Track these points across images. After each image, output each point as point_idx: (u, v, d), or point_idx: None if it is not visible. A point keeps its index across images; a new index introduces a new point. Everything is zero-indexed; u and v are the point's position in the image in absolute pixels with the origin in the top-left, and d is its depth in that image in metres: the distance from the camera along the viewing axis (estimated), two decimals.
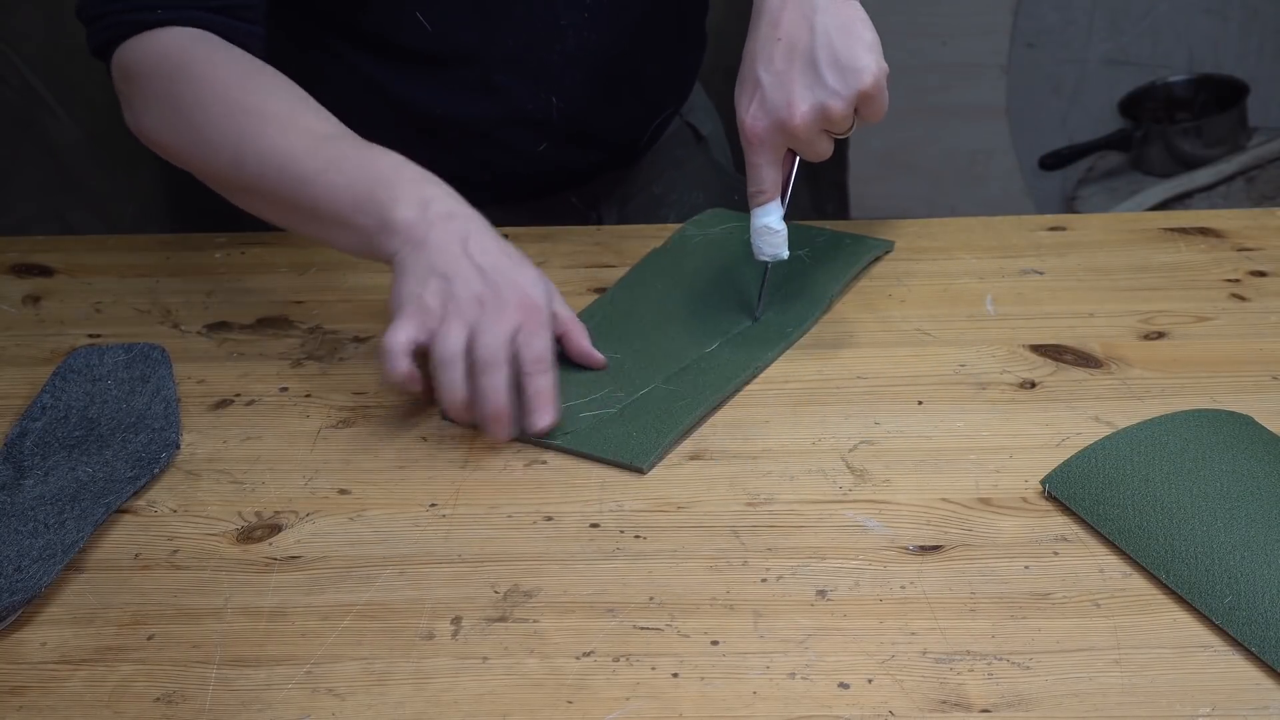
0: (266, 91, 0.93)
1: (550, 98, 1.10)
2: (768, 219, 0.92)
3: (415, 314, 0.82)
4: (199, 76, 0.93)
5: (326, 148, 0.89)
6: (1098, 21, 2.18)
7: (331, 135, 0.90)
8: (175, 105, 0.93)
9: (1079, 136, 2.19)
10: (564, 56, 1.09)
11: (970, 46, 2.04)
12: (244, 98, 0.92)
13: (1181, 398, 0.86)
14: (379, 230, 0.85)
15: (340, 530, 0.78)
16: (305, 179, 0.88)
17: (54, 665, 0.70)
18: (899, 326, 0.95)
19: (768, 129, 0.88)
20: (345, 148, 0.89)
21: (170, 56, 0.94)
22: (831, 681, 0.66)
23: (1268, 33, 2.17)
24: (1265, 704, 0.64)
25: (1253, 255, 1.02)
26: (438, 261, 0.83)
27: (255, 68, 0.94)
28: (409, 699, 0.66)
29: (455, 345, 0.81)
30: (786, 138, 0.88)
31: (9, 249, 1.11)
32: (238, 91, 0.92)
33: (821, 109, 0.87)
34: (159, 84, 0.94)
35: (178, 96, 0.93)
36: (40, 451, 0.84)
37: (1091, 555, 0.74)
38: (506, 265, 0.84)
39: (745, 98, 0.89)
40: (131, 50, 0.96)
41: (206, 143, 0.92)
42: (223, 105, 0.92)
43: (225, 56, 0.94)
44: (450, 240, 0.84)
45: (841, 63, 0.86)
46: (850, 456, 0.82)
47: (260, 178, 0.90)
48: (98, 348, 0.94)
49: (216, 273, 1.07)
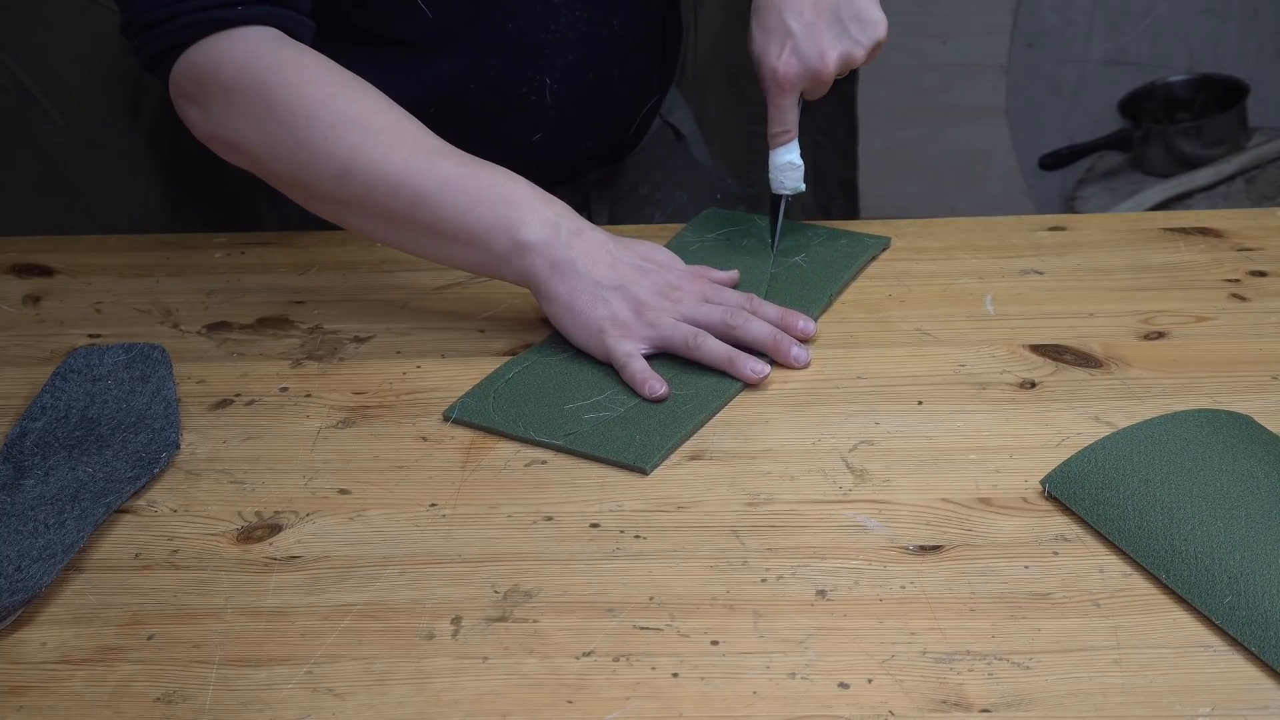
0: (367, 102, 0.93)
1: (544, 79, 1.10)
2: (790, 155, 1.02)
3: (624, 333, 0.89)
4: (291, 83, 0.92)
5: (439, 163, 0.91)
6: (1098, 21, 2.18)
7: (441, 150, 0.92)
8: (267, 113, 0.92)
9: (1079, 136, 2.19)
10: (557, 36, 1.09)
11: (970, 46, 2.04)
12: (346, 108, 0.91)
13: (1181, 398, 0.86)
14: (511, 251, 0.90)
15: (340, 530, 0.78)
16: (422, 196, 0.90)
17: (54, 665, 0.70)
18: (899, 326, 0.95)
19: (799, 74, 0.97)
20: (459, 163, 0.91)
21: (257, 61, 0.92)
22: (831, 681, 0.66)
23: (1268, 33, 2.17)
24: (1265, 704, 0.64)
25: (1253, 255, 1.02)
26: (601, 277, 0.90)
27: (345, 74, 0.94)
28: (409, 699, 0.66)
29: (684, 331, 0.89)
30: (813, 83, 0.98)
31: (9, 249, 1.11)
32: (339, 101, 0.91)
33: (847, 57, 0.97)
34: (245, 90, 0.92)
35: (270, 103, 0.91)
36: (40, 451, 0.84)
37: (1091, 555, 0.74)
38: (655, 254, 0.93)
39: (775, 45, 0.97)
40: (203, 54, 0.93)
41: (307, 153, 0.91)
42: (326, 115, 0.91)
43: (313, 62, 0.93)
44: (596, 253, 0.90)
45: (861, 15, 0.97)
46: (850, 456, 0.82)
47: (369, 191, 0.91)
48: (98, 348, 0.94)
49: (216, 273, 1.07)
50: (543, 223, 0.90)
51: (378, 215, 0.92)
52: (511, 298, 1.01)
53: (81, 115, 1.84)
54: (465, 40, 1.07)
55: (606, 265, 0.90)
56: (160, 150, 1.49)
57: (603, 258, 0.90)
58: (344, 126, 0.91)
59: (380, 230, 0.94)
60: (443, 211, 0.90)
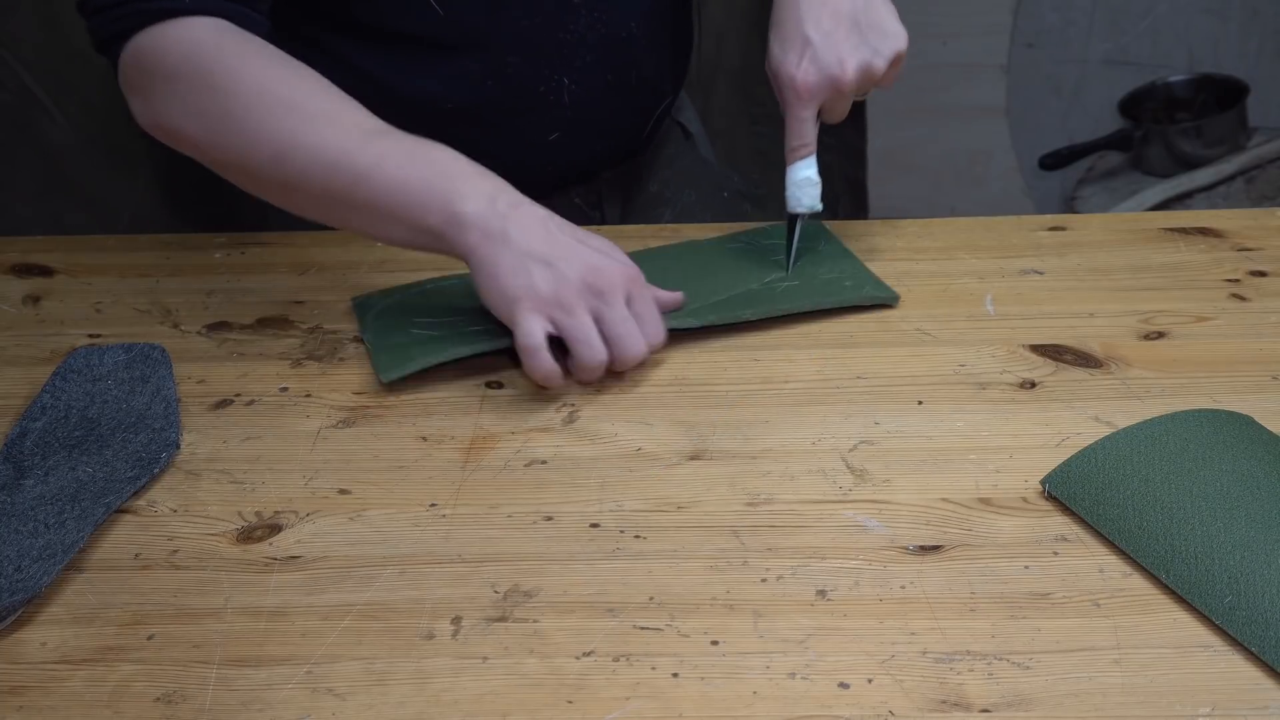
0: (305, 86, 0.92)
1: (562, 79, 1.10)
2: (808, 171, 0.99)
3: (535, 305, 0.86)
4: (233, 70, 0.92)
5: (376, 142, 0.90)
6: (1098, 21, 2.18)
7: (378, 130, 0.91)
8: (208, 99, 0.92)
9: (1079, 136, 2.19)
10: (575, 36, 1.09)
11: (970, 46, 2.04)
12: (284, 92, 0.91)
13: (1181, 398, 0.86)
14: (446, 224, 0.88)
15: (340, 530, 0.78)
16: (359, 175, 0.89)
17: (54, 665, 0.70)
18: (899, 326, 0.95)
19: (818, 84, 0.95)
20: (395, 142, 0.90)
21: (199, 48, 0.93)
22: (831, 681, 0.66)
23: (1268, 33, 2.17)
24: (1265, 704, 0.64)
25: (1253, 255, 1.02)
26: (531, 248, 0.87)
27: (287, 61, 0.94)
28: (409, 699, 0.66)
29: (588, 328, 0.87)
30: (833, 94, 0.96)
31: (9, 249, 1.11)
32: (276, 85, 0.92)
33: (867, 67, 0.95)
34: (188, 77, 0.93)
35: (210, 90, 0.92)
36: (40, 451, 0.84)
37: (1091, 555, 0.74)
38: (592, 241, 0.89)
39: (794, 55, 0.95)
40: (149, 41, 0.94)
41: (243, 137, 0.92)
42: (262, 100, 0.91)
43: (256, 49, 0.94)
44: (532, 226, 0.87)
45: (881, 27, 0.96)
46: (850, 456, 0.82)
47: (305, 174, 0.91)
48: (98, 348, 0.94)
49: (216, 273, 1.07)
50: (479, 195, 0.88)
51: (318, 196, 0.91)
52: None
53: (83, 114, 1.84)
54: (483, 39, 1.07)
55: (540, 239, 0.87)
56: (160, 150, 1.49)
57: (538, 230, 0.88)
58: (281, 111, 0.91)
59: (322, 211, 0.93)
60: (380, 189, 0.89)
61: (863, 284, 0.99)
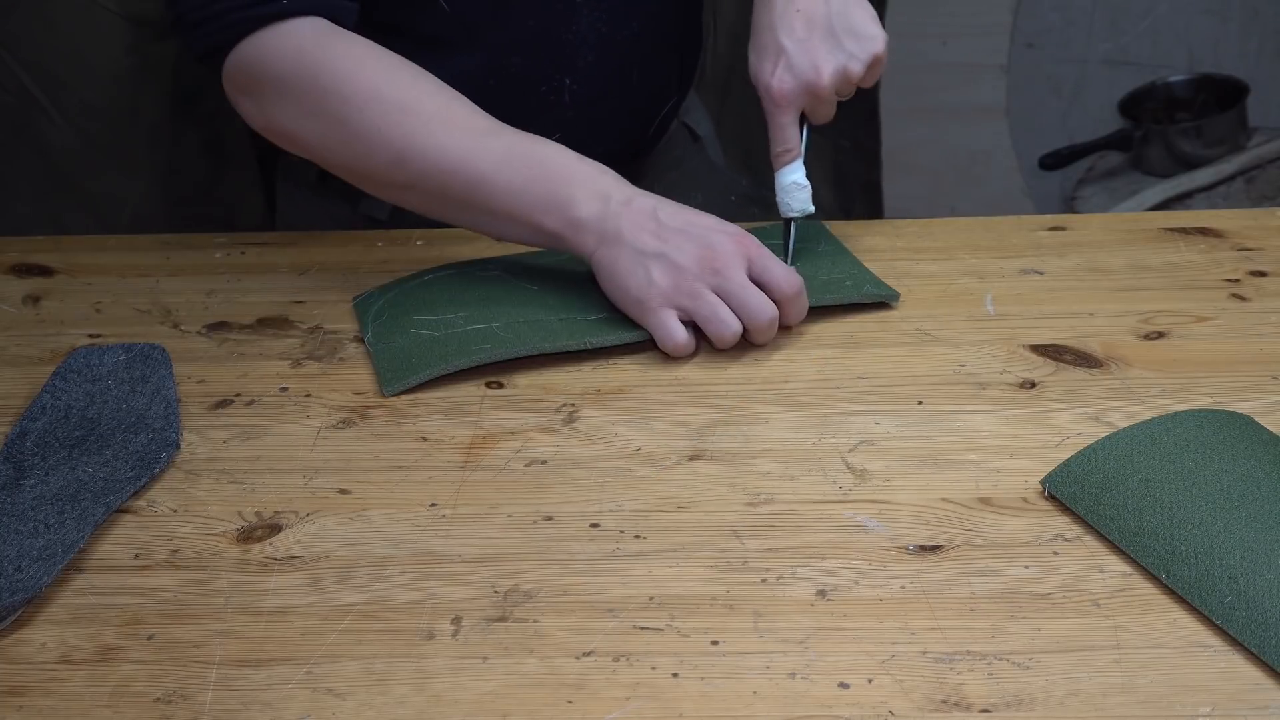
0: (418, 88, 0.94)
1: (564, 79, 1.10)
2: (795, 175, 1.00)
3: (660, 301, 0.90)
4: (343, 73, 0.94)
5: (492, 145, 0.92)
6: (1098, 21, 2.18)
7: (492, 129, 0.93)
8: (321, 104, 0.94)
9: (1079, 136, 2.19)
10: (578, 36, 1.09)
11: (970, 46, 2.04)
12: (397, 95, 0.93)
13: (1181, 398, 0.86)
14: (566, 228, 0.91)
15: (340, 530, 0.78)
16: (479, 179, 0.92)
17: (54, 665, 0.70)
18: (899, 326, 0.95)
19: (794, 90, 0.97)
20: (510, 143, 0.93)
21: (305, 53, 0.94)
22: (831, 681, 0.66)
23: (1268, 33, 2.17)
24: (1265, 704, 0.64)
25: (1253, 255, 1.02)
26: (644, 245, 0.90)
27: (398, 62, 0.95)
28: (409, 699, 0.66)
29: (714, 304, 0.89)
30: (810, 99, 0.97)
31: (9, 249, 1.11)
32: (389, 88, 0.93)
33: (843, 71, 0.97)
34: (298, 81, 0.94)
35: (323, 93, 0.94)
36: (40, 451, 0.84)
37: (1091, 555, 0.74)
38: (701, 221, 0.91)
39: (769, 63, 0.97)
40: (254, 49, 0.95)
41: (360, 143, 0.94)
42: (378, 104, 0.93)
43: (362, 50, 0.95)
44: (642, 221, 0.90)
45: (856, 30, 0.96)
46: (850, 456, 0.82)
47: (424, 176, 0.93)
48: (98, 348, 0.94)
49: (216, 273, 1.07)
50: (592, 197, 0.91)
51: (435, 197, 0.94)
52: None
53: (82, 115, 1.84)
54: (485, 37, 1.07)
55: (651, 233, 0.90)
56: (160, 150, 1.49)
57: (648, 225, 0.90)
58: (396, 114, 0.92)
59: (439, 210, 0.96)
60: (497, 193, 0.92)
61: (862, 283, 0.99)
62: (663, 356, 0.92)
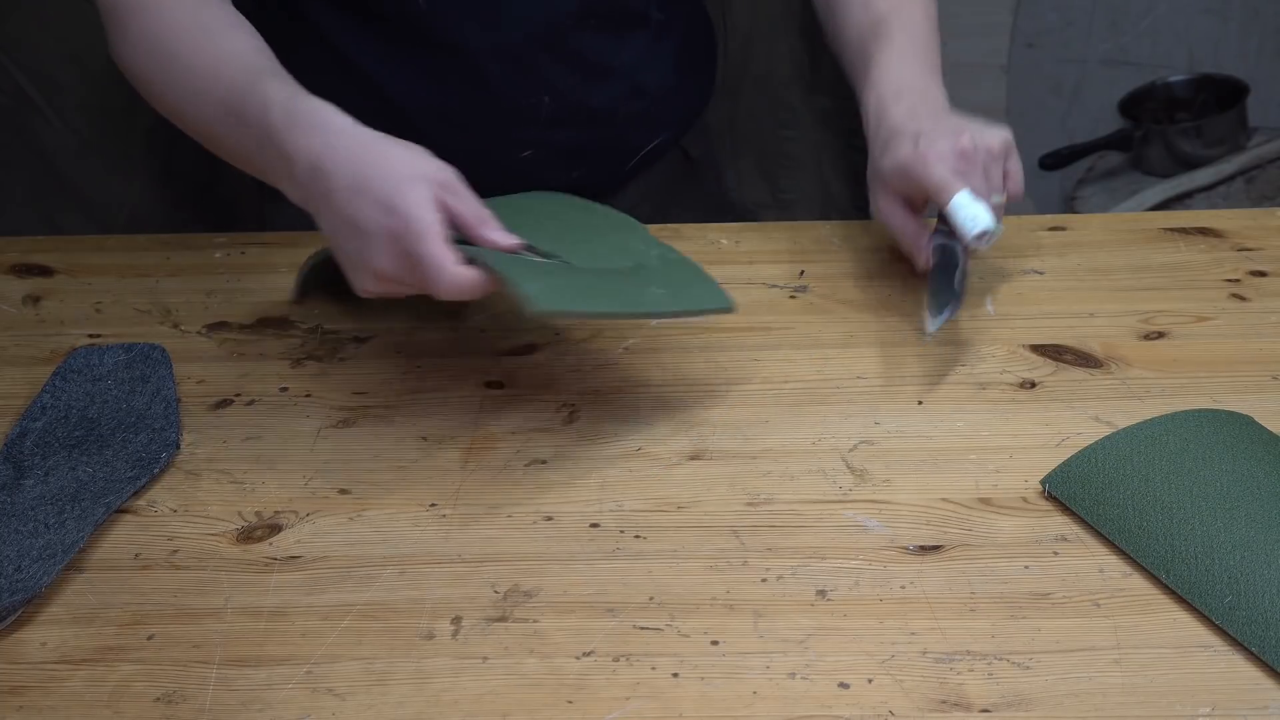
0: (203, 44, 0.92)
1: (542, 97, 1.09)
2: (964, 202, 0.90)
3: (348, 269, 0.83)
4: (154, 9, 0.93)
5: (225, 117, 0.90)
6: (1098, 21, 2.17)
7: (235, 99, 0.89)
8: (137, 42, 0.94)
9: (1079, 136, 2.19)
10: (561, 56, 1.07)
11: (970, 46, 2.04)
12: (179, 47, 0.92)
13: (1181, 398, 0.86)
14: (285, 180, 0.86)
15: (340, 530, 0.78)
16: (217, 141, 0.92)
17: (54, 665, 0.70)
18: (899, 326, 0.95)
19: (941, 151, 0.92)
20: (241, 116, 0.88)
21: None
22: (831, 681, 0.66)
23: (1268, 33, 2.17)
24: (1265, 704, 0.64)
25: (1253, 255, 1.02)
26: (329, 226, 0.83)
27: (206, 13, 0.94)
28: (409, 699, 0.66)
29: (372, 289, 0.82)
30: (960, 160, 0.92)
31: (9, 249, 1.11)
32: (180, 40, 0.92)
33: (981, 138, 0.94)
34: (111, 11, 0.95)
35: (140, 32, 0.94)
36: (40, 451, 0.84)
37: (1091, 555, 0.74)
38: (361, 204, 0.80)
39: (906, 145, 0.94)
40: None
41: (155, 86, 0.94)
42: (167, 56, 0.92)
43: None
44: (321, 204, 0.83)
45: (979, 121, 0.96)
46: (850, 456, 0.82)
47: (193, 133, 0.93)
48: (98, 348, 0.94)
49: (216, 273, 1.07)
50: (292, 178, 0.85)
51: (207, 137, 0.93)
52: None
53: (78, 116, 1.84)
54: (462, 42, 1.06)
55: (329, 218, 0.83)
56: (157, 151, 1.49)
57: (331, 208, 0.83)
58: (177, 71, 0.92)
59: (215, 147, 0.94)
60: (236, 157, 0.91)
61: (709, 292, 0.90)
62: (662, 356, 0.92)
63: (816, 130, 1.93)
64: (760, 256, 1.04)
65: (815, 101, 1.89)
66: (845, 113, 1.02)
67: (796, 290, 1.00)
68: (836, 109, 1.00)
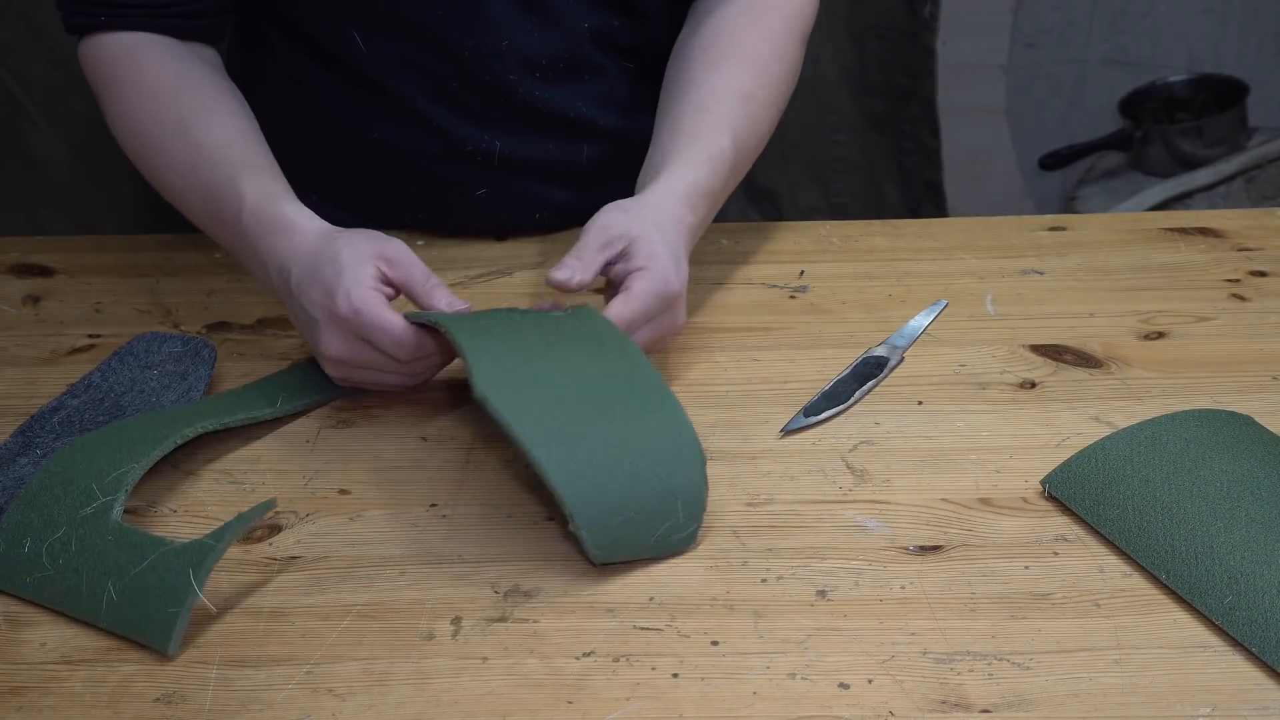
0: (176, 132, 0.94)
1: (494, 141, 1.05)
2: None
3: None
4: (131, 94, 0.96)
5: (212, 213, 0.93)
6: (1098, 21, 2.18)
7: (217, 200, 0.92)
8: (118, 119, 0.97)
9: (1079, 136, 2.19)
10: (510, 109, 1.04)
11: (970, 46, 2.04)
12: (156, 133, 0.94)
13: (1181, 398, 0.86)
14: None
15: (340, 530, 0.78)
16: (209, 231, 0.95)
17: (54, 665, 0.70)
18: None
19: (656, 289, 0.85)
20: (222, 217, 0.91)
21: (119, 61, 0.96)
22: (831, 682, 0.66)
23: (1268, 33, 2.17)
24: (1265, 704, 0.64)
25: (1253, 255, 1.02)
26: (294, 321, 0.88)
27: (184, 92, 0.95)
28: (409, 699, 0.66)
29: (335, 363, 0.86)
30: None
31: (9, 249, 1.11)
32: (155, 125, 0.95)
33: None
34: (99, 90, 0.98)
35: (120, 112, 0.97)
36: (58, 431, 0.84)
37: (1091, 555, 0.74)
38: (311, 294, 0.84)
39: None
40: (88, 45, 0.98)
41: (141, 162, 0.97)
42: (144, 138, 0.95)
43: (154, 79, 0.96)
44: (286, 300, 0.88)
45: None
46: (850, 456, 0.82)
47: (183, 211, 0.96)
48: (160, 334, 0.93)
49: (216, 273, 1.07)
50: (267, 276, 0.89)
51: None
52: (512, 298, 1.01)
53: (68, 122, 1.83)
54: (410, 90, 1.03)
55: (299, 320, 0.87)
56: None
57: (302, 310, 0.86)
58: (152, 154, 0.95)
59: None
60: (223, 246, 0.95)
61: None
62: (662, 357, 0.92)
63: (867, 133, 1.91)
64: (760, 256, 1.04)
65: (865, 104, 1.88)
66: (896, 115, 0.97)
67: (796, 290, 1.00)
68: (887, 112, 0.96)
